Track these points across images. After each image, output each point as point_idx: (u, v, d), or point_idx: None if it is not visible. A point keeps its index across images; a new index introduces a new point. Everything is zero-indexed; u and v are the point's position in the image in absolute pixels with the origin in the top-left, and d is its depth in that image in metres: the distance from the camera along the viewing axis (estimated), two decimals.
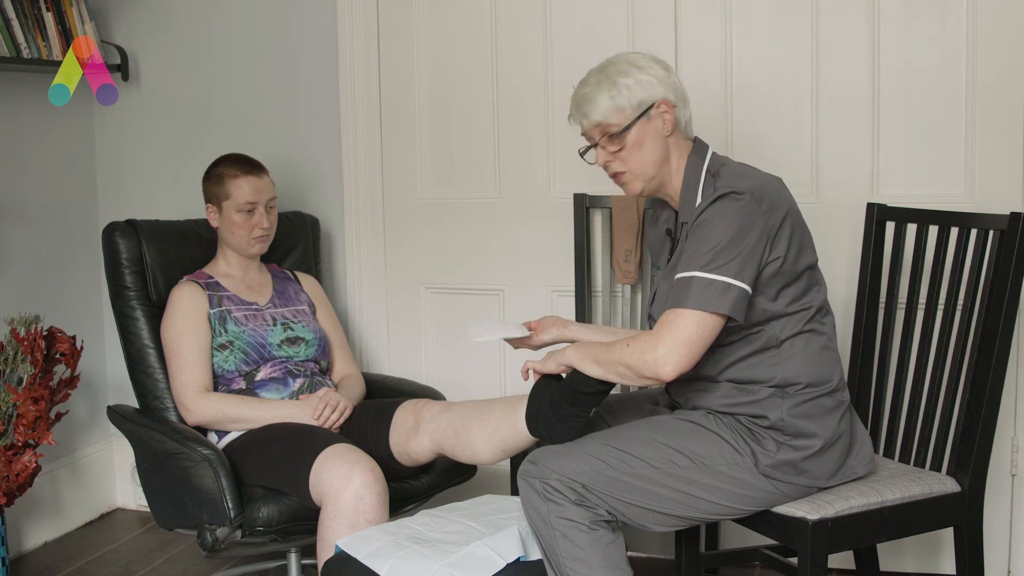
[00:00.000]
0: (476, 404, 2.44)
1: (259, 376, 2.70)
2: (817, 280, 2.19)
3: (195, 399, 2.63)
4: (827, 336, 2.20)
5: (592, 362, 2.13)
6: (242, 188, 2.73)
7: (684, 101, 2.22)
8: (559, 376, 2.24)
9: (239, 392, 2.68)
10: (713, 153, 2.23)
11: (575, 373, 2.17)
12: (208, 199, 2.79)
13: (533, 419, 2.24)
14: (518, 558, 2.15)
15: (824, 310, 2.21)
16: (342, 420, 2.62)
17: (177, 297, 2.73)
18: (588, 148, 2.26)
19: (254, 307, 2.78)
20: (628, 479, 2.10)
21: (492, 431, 2.33)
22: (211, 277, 2.79)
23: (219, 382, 2.70)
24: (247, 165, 2.77)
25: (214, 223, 2.80)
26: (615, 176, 2.25)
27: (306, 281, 2.97)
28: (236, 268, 2.83)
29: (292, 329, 2.78)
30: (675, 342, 2.02)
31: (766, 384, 2.14)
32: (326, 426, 2.58)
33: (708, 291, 2.02)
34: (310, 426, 2.58)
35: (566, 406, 2.18)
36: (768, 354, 2.14)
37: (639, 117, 2.17)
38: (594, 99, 2.18)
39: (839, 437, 2.17)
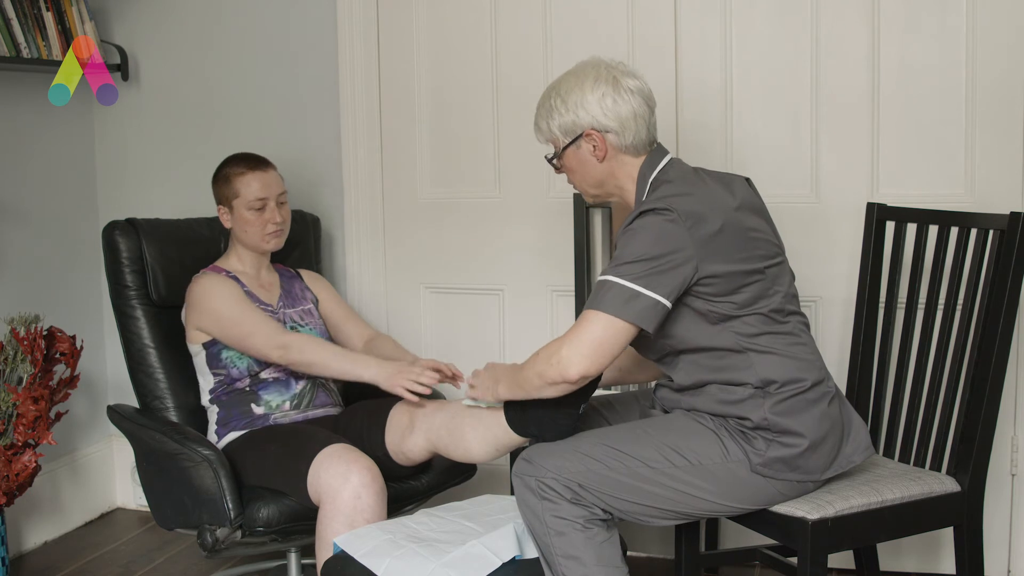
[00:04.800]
0: None
1: (263, 376, 2.70)
2: (769, 286, 2.13)
3: (285, 338, 2.58)
4: (793, 335, 2.16)
5: (517, 387, 2.15)
6: (250, 185, 2.72)
7: (624, 126, 2.17)
8: None
9: (241, 391, 2.68)
10: (670, 161, 2.21)
11: None
12: (219, 200, 2.77)
13: (521, 423, 2.24)
14: (513, 557, 2.15)
15: (784, 311, 2.16)
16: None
17: (210, 283, 2.69)
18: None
19: (269, 309, 2.76)
20: (625, 479, 2.10)
21: (485, 430, 2.33)
22: (229, 272, 2.78)
23: (226, 380, 2.69)
24: (252, 161, 2.76)
25: (227, 224, 2.77)
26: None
27: (308, 276, 2.96)
28: (250, 267, 2.81)
29: (300, 331, 2.77)
30: (579, 343, 2.02)
31: (746, 385, 2.12)
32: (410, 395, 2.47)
33: (620, 297, 2.01)
34: (309, 427, 2.58)
35: (554, 404, 2.18)
36: (738, 358, 2.11)
37: (568, 145, 2.21)
38: (537, 122, 2.26)
39: (829, 429, 2.15)
